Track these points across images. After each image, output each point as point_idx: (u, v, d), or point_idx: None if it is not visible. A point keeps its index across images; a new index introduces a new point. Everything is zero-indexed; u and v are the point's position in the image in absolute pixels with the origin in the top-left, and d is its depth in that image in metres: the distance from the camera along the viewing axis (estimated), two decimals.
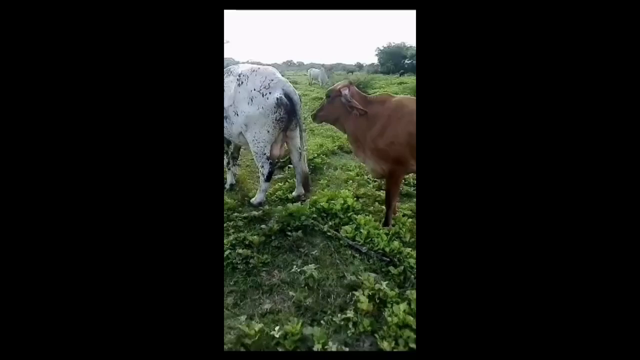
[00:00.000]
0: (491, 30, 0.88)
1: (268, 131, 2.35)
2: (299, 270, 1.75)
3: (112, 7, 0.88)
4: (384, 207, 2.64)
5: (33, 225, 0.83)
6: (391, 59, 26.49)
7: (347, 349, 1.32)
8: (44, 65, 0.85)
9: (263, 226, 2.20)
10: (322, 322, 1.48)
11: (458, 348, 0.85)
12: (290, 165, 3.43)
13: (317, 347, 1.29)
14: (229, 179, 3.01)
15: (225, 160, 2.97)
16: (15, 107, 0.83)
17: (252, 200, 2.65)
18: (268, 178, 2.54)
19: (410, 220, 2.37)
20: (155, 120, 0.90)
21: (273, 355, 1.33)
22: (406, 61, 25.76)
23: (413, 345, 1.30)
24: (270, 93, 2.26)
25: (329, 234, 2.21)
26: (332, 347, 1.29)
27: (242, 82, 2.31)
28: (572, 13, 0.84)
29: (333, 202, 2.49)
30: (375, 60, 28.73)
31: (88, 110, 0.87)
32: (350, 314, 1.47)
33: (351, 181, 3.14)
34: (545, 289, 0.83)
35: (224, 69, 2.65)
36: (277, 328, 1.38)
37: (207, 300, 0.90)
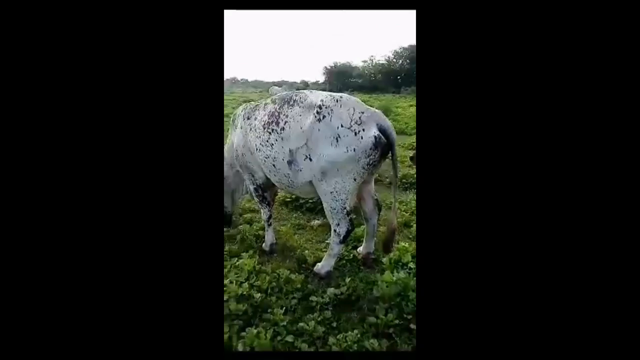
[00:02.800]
0: (491, 30, 0.88)
1: (355, 179, 1.73)
2: None
3: (112, 8, 0.87)
4: None
5: (33, 225, 0.82)
6: (338, 78, 27.39)
7: None
8: (43, 65, 0.83)
9: (372, 318, 1.55)
10: None
11: (458, 348, 0.85)
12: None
13: None
14: (270, 237, 2.25)
15: (266, 214, 2.21)
16: (13, 109, 0.81)
17: (317, 268, 1.97)
18: (344, 239, 1.89)
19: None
20: (155, 121, 0.89)
21: (273, 355, 1.34)
22: (351, 80, 26.91)
23: None
24: (363, 130, 1.65)
25: None
26: None
27: (323, 117, 1.66)
28: (572, 13, 0.84)
29: None
30: (319, 78, 29.38)
31: (87, 110, 0.86)
32: None
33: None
34: (545, 289, 0.83)
35: (277, 96, 1.97)
36: None
37: (207, 300, 0.91)
